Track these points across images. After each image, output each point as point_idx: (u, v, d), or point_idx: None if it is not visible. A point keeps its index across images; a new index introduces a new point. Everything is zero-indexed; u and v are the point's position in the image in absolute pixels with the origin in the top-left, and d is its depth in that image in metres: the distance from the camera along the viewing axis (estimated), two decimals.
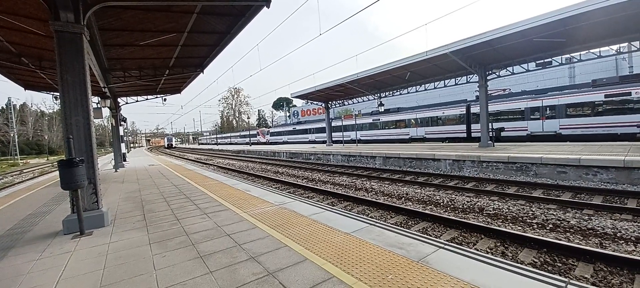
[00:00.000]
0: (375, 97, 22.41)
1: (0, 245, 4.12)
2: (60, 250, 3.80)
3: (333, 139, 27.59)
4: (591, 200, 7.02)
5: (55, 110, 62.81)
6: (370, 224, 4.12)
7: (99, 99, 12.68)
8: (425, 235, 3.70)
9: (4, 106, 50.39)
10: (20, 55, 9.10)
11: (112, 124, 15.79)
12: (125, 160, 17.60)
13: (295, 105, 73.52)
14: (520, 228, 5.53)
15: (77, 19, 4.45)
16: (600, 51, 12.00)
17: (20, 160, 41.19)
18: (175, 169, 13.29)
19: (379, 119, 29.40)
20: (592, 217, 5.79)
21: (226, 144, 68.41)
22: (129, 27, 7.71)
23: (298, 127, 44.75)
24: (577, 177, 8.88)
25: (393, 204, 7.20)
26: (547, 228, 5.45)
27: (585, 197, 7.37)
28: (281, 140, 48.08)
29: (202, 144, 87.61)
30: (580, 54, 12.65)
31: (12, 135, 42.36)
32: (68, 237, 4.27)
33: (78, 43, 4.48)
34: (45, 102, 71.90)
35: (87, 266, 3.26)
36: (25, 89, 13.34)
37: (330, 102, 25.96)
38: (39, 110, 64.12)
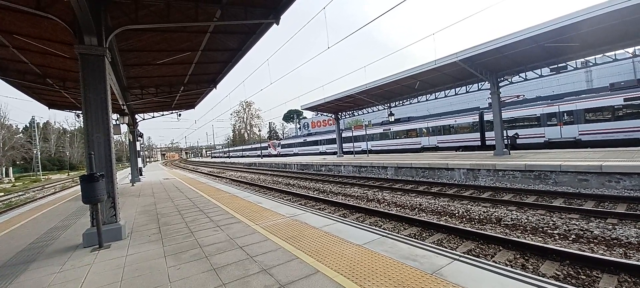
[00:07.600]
0: (385, 107, 22.35)
1: (23, 258, 4.28)
2: (80, 262, 3.92)
3: (344, 150, 27.52)
4: (615, 208, 6.72)
5: (76, 127, 65.45)
6: (383, 236, 4.07)
7: (118, 116, 13.19)
8: (439, 247, 3.62)
9: (28, 124, 52.82)
10: (44, 77, 9.65)
11: (129, 139, 16.30)
12: (141, 175, 18.08)
13: (305, 117, 74.04)
14: (541, 239, 5.32)
15: (99, 42, 4.72)
16: (615, 54, 11.66)
17: (43, 176, 42.86)
18: (189, 183, 13.54)
19: (390, 129, 29.21)
20: (616, 226, 5.54)
21: (238, 156, 69.20)
22: (147, 47, 8.10)
23: (308, 139, 44.95)
24: (599, 184, 8.51)
25: (406, 215, 7.08)
26: (570, 239, 5.23)
27: (608, 205, 7.06)
28: (292, 152, 48.30)
29: (215, 157, 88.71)
30: (595, 58, 12.32)
31: (35, 152, 44.23)
32: (87, 250, 4.40)
33: (100, 65, 4.74)
34: (67, 119, 75.32)
35: (105, 278, 3.35)
36: (49, 108, 14.06)
37: (340, 113, 26.04)
38: (61, 128, 66.95)
